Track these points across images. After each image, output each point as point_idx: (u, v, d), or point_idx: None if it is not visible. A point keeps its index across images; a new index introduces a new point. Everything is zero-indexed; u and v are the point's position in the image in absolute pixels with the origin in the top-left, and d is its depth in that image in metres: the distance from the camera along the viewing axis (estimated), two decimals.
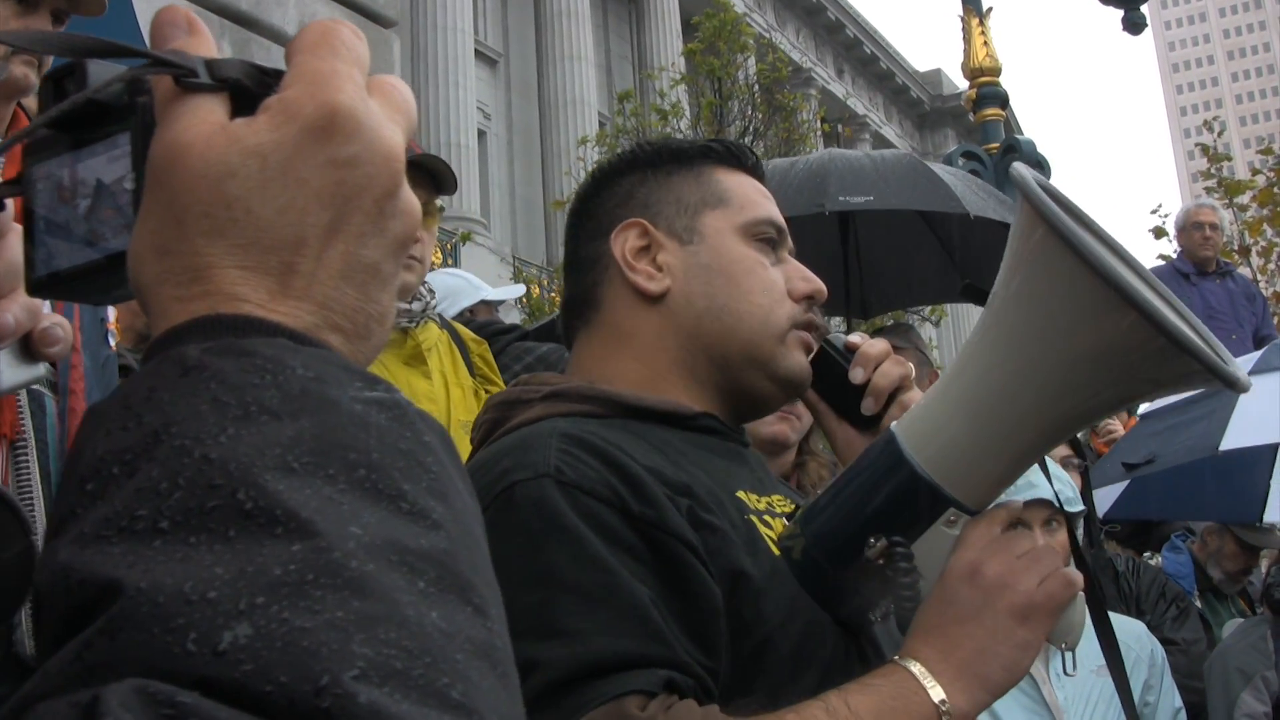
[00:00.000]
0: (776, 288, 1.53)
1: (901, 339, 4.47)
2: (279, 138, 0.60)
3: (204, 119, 0.61)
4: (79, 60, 0.65)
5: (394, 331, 2.82)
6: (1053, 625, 1.33)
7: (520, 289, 7.86)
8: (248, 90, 0.63)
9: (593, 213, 1.59)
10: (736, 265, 1.51)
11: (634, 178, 1.58)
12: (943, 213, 5.21)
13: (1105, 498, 5.11)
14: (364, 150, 0.62)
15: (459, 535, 0.55)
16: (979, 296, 1.52)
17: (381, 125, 0.63)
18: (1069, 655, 1.73)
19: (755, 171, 1.63)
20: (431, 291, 2.96)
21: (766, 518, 1.45)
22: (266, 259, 0.59)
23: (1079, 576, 1.36)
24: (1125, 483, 5.05)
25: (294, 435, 0.53)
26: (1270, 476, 4.90)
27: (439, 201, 2.91)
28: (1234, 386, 1.20)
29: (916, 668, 1.28)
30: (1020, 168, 1.28)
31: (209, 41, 0.64)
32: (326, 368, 0.57)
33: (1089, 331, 1.21)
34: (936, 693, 1.26)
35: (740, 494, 1.44)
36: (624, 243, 1.52)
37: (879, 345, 1.61)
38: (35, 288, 0.67)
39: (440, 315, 3.10)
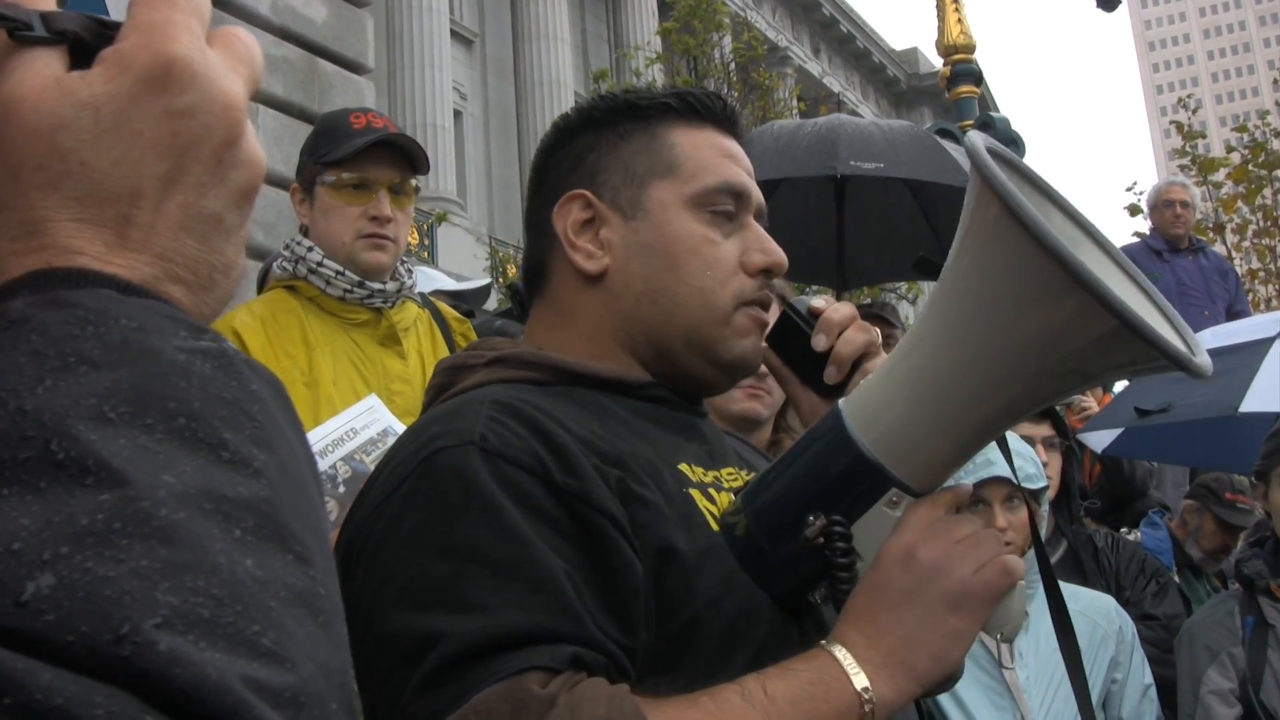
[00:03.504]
0: (723, 265, 1.43)
1: (891, 315, 4.50)
2: (113, 89, 0.60)
3: (38, 72, 0.60)
4: None
5: (368, 312, 2.83)
6: (988, 614, 1.27)
7: (484, 280, 7.75)
8: (85, 43, 0.62)
9: (546, 174, 1.50)
10: (678, 244, 1.42)
11: (587, 139, 1.48)
12: (932, 192, 5.21)
13: (1108, 437, 5.05)
14: (200, 100, 0.61)
15: (282, 484, 0.55)
16: (931, 270, 1.46)
17: (220, 75, 0.63)
18: (1005, 647, 1.65)
19: (725, 122, 1.51)
20: (410, 271, 2.95)
21: (711, 491, 1.38)
22: (103, 211, 0.59)
23: (1020, 565, 1.29)
24: (1122, 427, 4.95)
25: (111, 385, 0.53)
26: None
27: (414, 181, 2.89)
28: (1195, 373, 1.13)
29: (842, 653, 1.23)
30: (974, 135, 1.19)
31: None
32: (150, 318, 0.56)
33: (1038, 313, 1.14)
34: (860, 680, 1.21)
35: (683, 466, 1.38)
36: (567, 216, 1.44)
37: (843, 310, 1.55)
38: None
39: (422, 295, 3.08)
